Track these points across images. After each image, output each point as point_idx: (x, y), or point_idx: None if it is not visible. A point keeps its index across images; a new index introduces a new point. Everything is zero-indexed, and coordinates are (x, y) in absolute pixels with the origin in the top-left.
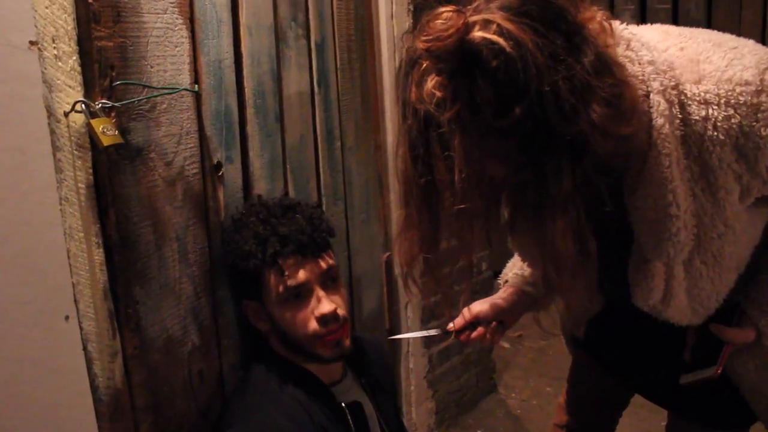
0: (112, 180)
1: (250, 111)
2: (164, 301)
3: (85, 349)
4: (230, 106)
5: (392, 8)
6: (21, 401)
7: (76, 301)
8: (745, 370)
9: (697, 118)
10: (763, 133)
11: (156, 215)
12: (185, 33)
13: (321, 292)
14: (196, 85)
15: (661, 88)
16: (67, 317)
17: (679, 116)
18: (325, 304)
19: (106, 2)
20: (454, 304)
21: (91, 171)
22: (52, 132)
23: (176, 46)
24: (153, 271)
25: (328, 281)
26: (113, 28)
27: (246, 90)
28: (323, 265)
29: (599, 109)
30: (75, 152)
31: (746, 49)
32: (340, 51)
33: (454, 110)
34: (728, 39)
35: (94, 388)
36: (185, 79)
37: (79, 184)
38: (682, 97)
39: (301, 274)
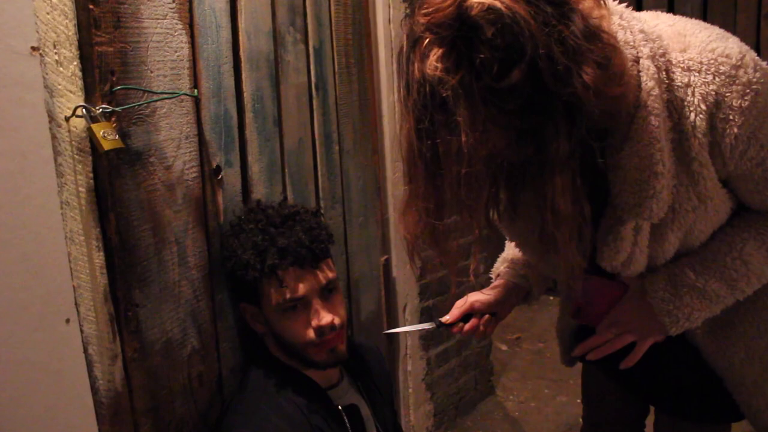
0: (113, 184)
1: (248, 115)
2: (164, 304)
3: (85, 351)
4: (229, 111)
5: (390, 13)
6: (22, 404)
7: (76, 304)
8: (729, 364)
9: (679, 84)
10: (734, 104)
11: (156, 219)
12: (185, 38)
13: (319, 303)
14: (196, 90)
15: (651, 53)
16: (67, 320)
17: (666, 82)
18: (324, 316)
19: (106, 8)
20: (459, 278)
21: (91, 175)
22: (53, 136)
23: (176, 51)
24: (153, 274)
25: (326, 291)
26: (113, 34)
27: (245, 94)
28: (322, 278)
29: (591, 71)
30: (76, 156)
31: (732, 39)
32: (338, 55)
33: (458, 77)
34: (717, 28)
35: (94, 391)
36: (185, 84)
37: (80, 188)
38: (668, 65)
39: (301, 288)
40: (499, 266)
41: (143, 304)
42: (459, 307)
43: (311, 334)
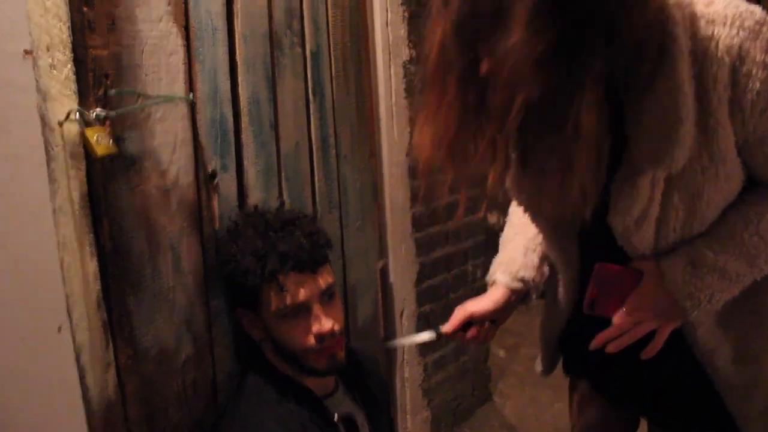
0: (106, 189)
1: (245, 119)
2: (158, 311)
3: (78, 360)
4: (225, 115)
5: (388, 16)
6: (13, 413)
7: (69, 312)
8: (723, 363)
9: (703, 35)
10: (758, 59)
11: (150, 225)
12: (180, 41)
13: (319, 309)
14: (191, 94)
15: (677, 2)
16: (59, 328)
17: (690, 30)
18: (324, 322)
19: (101, 11)
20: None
21: (84, 180)
22: (46, 141)
23: (171, 55)
24: (146, 280)
25: (326, 297)
26: (108, 37)
27: (241, 98)
28: (322, 283)
29: None
30: (69, 162)
31: (757, 6)
32: (336, 59)
33: None
34: None
35: (86, 400)
36: (180, 88)
37: (73, 194)
38: (693, 17)
39: (301, 294)
40: (494, 272)
41: (137, 311)
42: (458, 316)
43: (311, 340)
